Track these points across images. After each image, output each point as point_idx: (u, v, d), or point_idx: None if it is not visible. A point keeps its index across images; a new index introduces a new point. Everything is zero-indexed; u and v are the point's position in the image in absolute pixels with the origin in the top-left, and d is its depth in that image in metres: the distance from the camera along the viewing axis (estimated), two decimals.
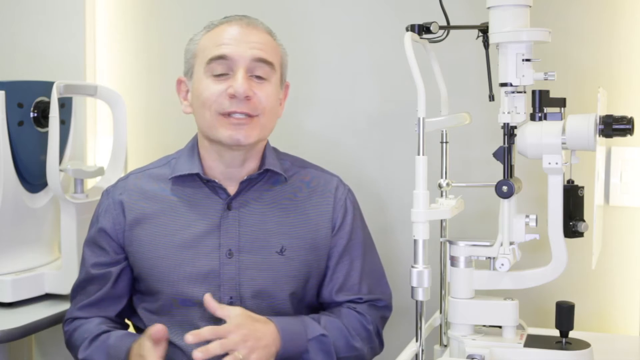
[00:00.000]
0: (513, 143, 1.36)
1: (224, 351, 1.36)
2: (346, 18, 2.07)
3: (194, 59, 1.52)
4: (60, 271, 1.86)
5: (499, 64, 1.36)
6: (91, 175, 1.96)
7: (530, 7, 1.35)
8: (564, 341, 1.39)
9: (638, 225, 1.86)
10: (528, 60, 1.34)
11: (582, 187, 1.38)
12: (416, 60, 1.25)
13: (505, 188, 1.35)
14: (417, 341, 1.31)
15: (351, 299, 1.58)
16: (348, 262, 1.58)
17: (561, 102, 1.37)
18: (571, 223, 1.38)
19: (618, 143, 1.82)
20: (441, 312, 1.54)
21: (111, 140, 2.01)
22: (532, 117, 1.36)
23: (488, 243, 1.39)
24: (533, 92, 1.36)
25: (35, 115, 1.85)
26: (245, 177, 1.53)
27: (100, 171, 1.97)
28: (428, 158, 1.24)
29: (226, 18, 1.53)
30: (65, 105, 1.91)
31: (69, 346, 1.59)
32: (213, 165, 1.54)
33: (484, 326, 1.43)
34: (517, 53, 1.34)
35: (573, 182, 1.39)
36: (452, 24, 1.49)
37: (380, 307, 1.61)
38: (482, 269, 1.40)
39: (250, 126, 1.47)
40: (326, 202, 1.58)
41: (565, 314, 1.39)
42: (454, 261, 1.41)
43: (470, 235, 1.46)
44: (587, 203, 1.38)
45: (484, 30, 1.45)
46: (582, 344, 1.38)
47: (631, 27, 1.83)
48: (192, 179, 1.54)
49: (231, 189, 1.53)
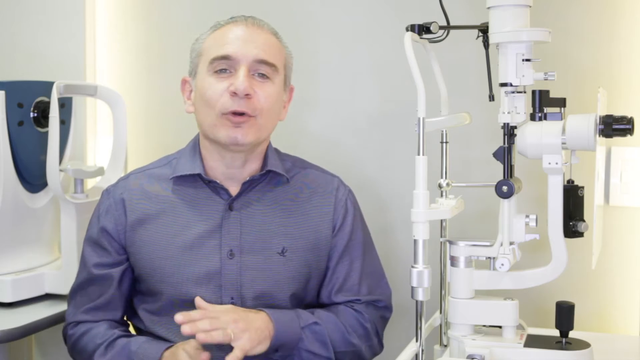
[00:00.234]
0: (513, 143, 1.36)
1: (213, 328, 1.35)
2: (346, 18, 2.07)
3: (199, 58, 1.51)
4: (60, 271, 1.86)
5: (499, 64, 1.36)
6: (91, 175, 1.96)
7: (530, 7, 1.35)
8: (564, 341, 1.38)
9: (638, 225, 1.86)
10: (528, 60, 1.34)
11: (582, 187, 1.38)
12: (416, 60, 1.25)
13: (505, 188, 1.34)
14: (417, 341, 1.30)
15: (350, 300, 1.57)
16: (348, 263, 1.58)
17: (561, 102, 1.37)
18: (571, 223, 1.38)
19: (618, 143, 1.82)
20: (441, 312, 1.54)
21: (111, 140, 2.01)
22: (532, 117, 1.36)
23: (488, 243, 1.38)
24: (533, 92, 1.36)
25: (35, 115, 1.85)
26: (247, 178, 1.52)
27: (100, 171, 1.97)
28: (428, 158, 1.24)
29: (232, 18, 1.53)
30: (65, 105, 1.91)
31: (76, 352, 1.56)
32: (214, 165, 1.53)
33: (484, 326, 1.43)
34: (517, 53, 1.34)
35: (573, 182, 1.39)
36: (452, 24, 1.49)
37: (380, 308, 1.61)
38: (482, 269, 1.40)
39: (248, 125, 1.46)
40: (327, 203, 1.58)
41: (565, 314, 1.39)
42: (454, 261, 1.41)
43: (470, 235, 1.46)
44: (587, 203, 1.38)
45: (484, 30, 1.45)
46: (582, 344, 1.38)
47: (631, 27, 1.83)
48: (194, 180, 1.54)
49: (233, 190, 1.53)
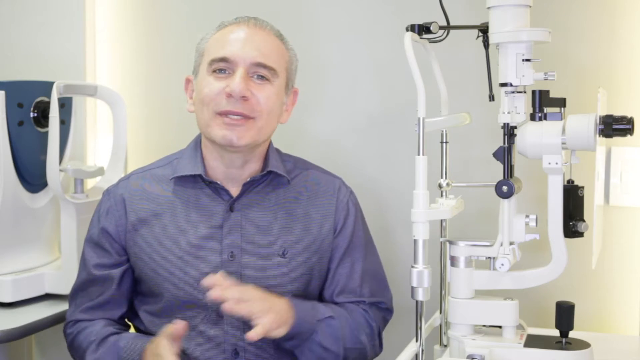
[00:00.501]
0: (513, 143, 1.36)
1: (241, 297, 1.36)
2: (346, 18, 2.07)
3: (201, 58, 1.51)
4: (60, 271, 1.86)
5: (499, 64, 1.36)
6: (91, 175, 1.96)
7: (530, 7, 1.35)
8: (564, 341, 1.39)
9: (638, 225, 1.86)
10: (528, 60, 1.34)
11: (582, 187, 1.38)
12: (416, 60, 1.25)
13: (505, 188, 1.34)
14: (417, 341, 1.31)
15: (352, 301, 1.57)
16: (349, 264, 1.57)
17: (561, 102, 1.37)
18: (571, 223, 1.38)
19: (618, 143, 1.82)
20: (441, 312, 1.54)
21: (111, 140, 2.01)
22: (532, 117, 1.36)
23: (488, 243, 1.39)
24: (533, 92, 1.36)
25: (35, 115, 1.85)
26: (247, 179, 1.52)
27: (100, 171, 1.97)
28: (428, 158, 1.24)
29: (237, 19, 1.52)
30: (65, 105, 1.91)
31: (73, 349, 1.57)
32: (215, 165, 1.52)
33: (484, 326, 1.43)
34: (517, 53, 1.34)
35: (573, 182, 1.39)
36: (452, 24, 1.49)
37: (382, 309, 1.61)
38: (482, 269, 1.40)
39: (245, 127, 1.45)
40: (328, 204, 1.58)
41: (565, 314, 1.39)
42: (454, 261, 1.41)
43: (470, 235, 1.46)
44: (587, 203, 1.38)
45: (484, 30, 1.45)
46: (582, 344, 1.38)
47: (631, 27, 1.83)
48: (195, 180, 1.53)
49: (233, 191, 1.52)
